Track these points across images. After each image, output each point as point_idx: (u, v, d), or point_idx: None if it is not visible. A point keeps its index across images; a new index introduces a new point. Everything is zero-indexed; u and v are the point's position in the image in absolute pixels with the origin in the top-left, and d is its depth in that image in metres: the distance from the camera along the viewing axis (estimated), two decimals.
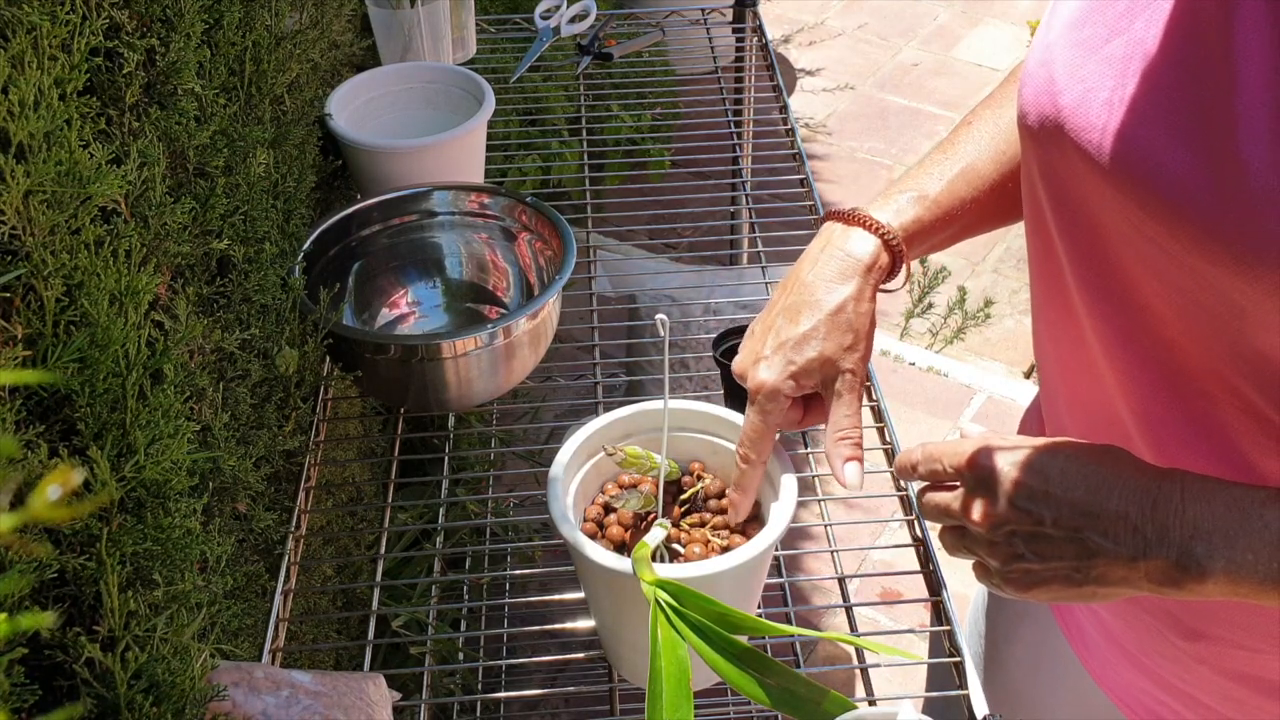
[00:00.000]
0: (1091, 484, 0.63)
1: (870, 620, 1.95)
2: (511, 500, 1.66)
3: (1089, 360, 0.72)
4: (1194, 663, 0.76)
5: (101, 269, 0.62)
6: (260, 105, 0.97)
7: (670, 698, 0.65)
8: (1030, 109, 0.69)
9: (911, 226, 0.81)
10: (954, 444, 0.69)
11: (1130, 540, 0.61)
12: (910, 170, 0.86)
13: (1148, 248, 0.63)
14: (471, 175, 1.26)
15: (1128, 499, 0.62)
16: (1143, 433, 0.70)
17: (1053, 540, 0.64)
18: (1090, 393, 0.74)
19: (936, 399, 2.43)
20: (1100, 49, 0.65)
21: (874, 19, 3.75)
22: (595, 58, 1.59)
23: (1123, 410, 0.71)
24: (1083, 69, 0.65)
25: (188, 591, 0.65)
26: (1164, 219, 0.61)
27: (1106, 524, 0.62)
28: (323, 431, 1.07)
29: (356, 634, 1.25)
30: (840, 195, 3.00)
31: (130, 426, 0.62)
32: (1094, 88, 0.64)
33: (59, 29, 0.62)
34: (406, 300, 1.19)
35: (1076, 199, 0.67)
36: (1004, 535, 0.66)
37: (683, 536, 0.81)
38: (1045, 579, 0.65)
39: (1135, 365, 0.68)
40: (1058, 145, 0.67)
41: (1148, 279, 0.64)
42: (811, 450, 1.07)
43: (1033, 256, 0.76)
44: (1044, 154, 0.69)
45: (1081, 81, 0.65)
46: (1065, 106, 0.66)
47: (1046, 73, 0.68)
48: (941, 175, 0.84)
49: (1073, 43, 0.67)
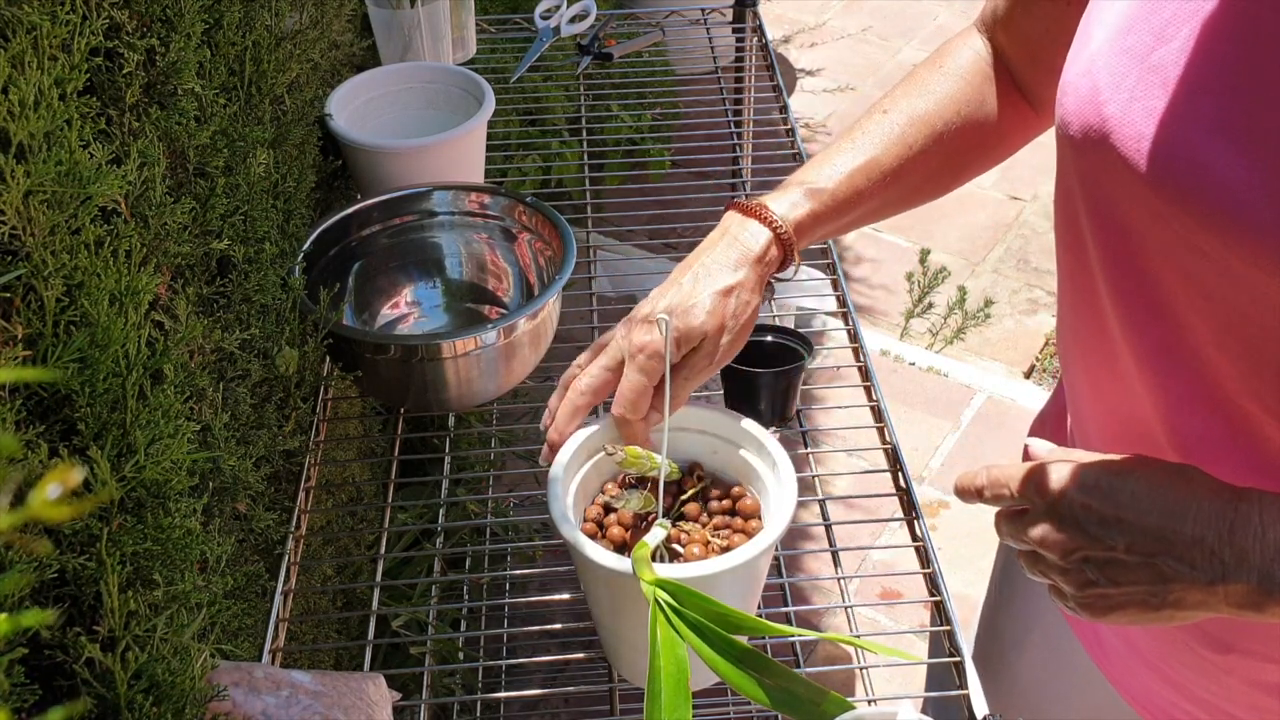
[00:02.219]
0: (1165, 508, 0.62)
1: (870, 620, 1.95)
2: (511, 500, 1.66)
3: (1120, 370, 0.71)
4: (1223, 674, 0.75)
5: (101, 269, 0.62)
6: (260, 105, 0.97)
7: (669, 697, 0.65)
8: (1073, 119, 0.68)
9: (805, 220, 0.84)
10: (1020, 469, 0.68)
11: (1208, 565, 0.60)
12: (815, 157, 0.87)
13: (1193, 259, 0.62)
14: (471, 175, 1.27)
15: (1204, 523, 0.60)
16: (1175, 444, 0.69)
17: (1127, 566, 0.62)
18: (1120, 403, 0.73)
19: (936, 399, 2.43)
20: (1146, 57, 0.63)
21: (874, 19, 3.75)
22: (595, 58, 1.59)
23: (1154, 422, 0.70)
24: (1128, 78, 0.64)
25: (188, 591, 0.65)
26: (1216, 230, 0.59)
27: (1183, 549, 0.61)
28: (323, 431, 1.07)
29: (356, 634, 1.25)
30: None
31: (130, 426, 0.62)
32: (1140, 97, 0.63)
33: (59, 29, 0.62)
34: (406, 300, 1.19)
35: (1118, 209, 0.66)
36: (1076, 562, 0.64)
37: (682, 536, 0.81)
38: (1121, 604, 0.64)
39: (1170, 377, 0.67)
40: (1102, 155, 0.65)
41: (1189, 291, 0.63)
42: (811, 450, 1.08)
43: (1064, 264, 0.75)
44: (1086, 164, 0.68)
45: (1127, 91, 0.64)
46: (1111, 116, 0.64)
47: (1090, 82, 0.66)
48: (842, 166, 0.85)
49: (1117, 51, 0.65)
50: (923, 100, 0.86)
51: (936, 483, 2.24)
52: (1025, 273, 2.81)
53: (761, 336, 1.04)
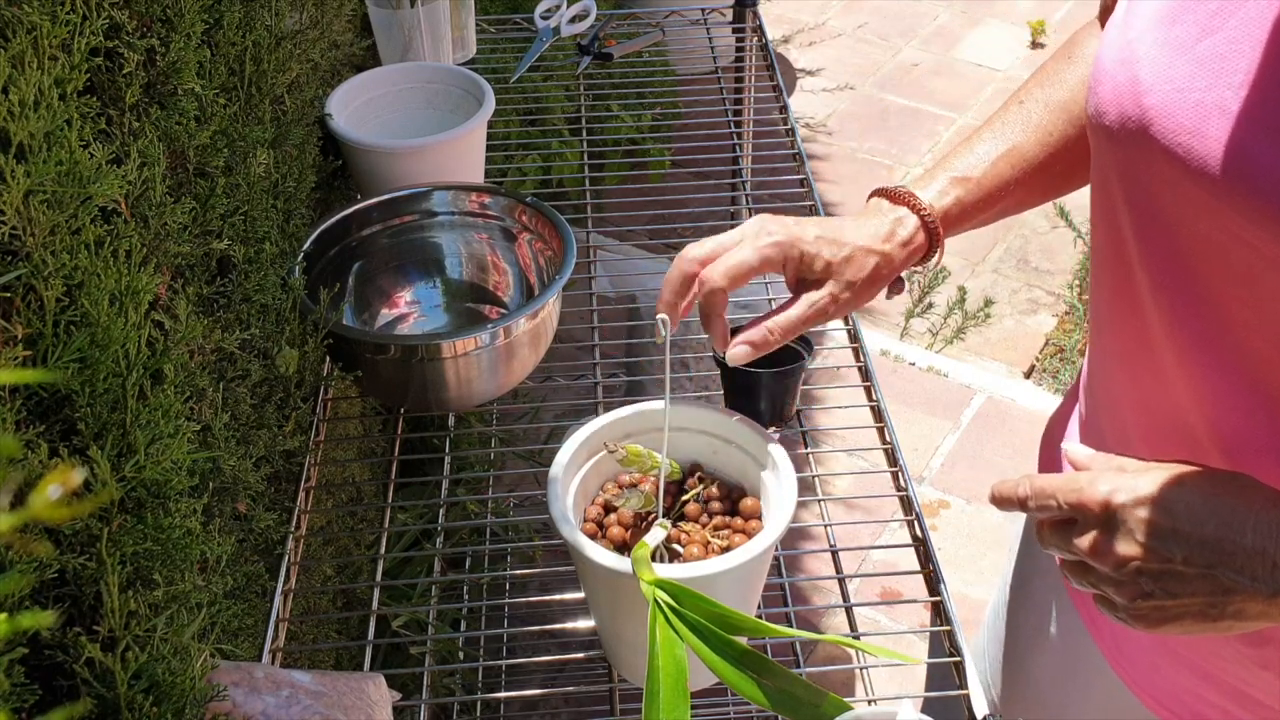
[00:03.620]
0: (1222, 518, 0.60)
1: (870, 620, 1.95)
2: (511, 500, 1.66)
3: (1159, 366, 0.70)
4: (1258, 668, 0.75)
5: (101, 269, 0.62)
6: (260, 105, 0.97)
7: (667, 697, 0.65)
8: (1109, 108, 0.66)
9: (953, 209, 0.83)
10: (1067, 479, 0.66)
11: (1270, 577, 0.59)
12: (957, 147, 0.86)
13: (1239, 253, 0.61)
14: (471, 175, 1.27)
15: (1263, 534, 0.59)
16: (1216, 442, 0.68)
17: (1184, 578, 0.61)
18: (1160, 403, 0.71)
19: (936, 399, 2.43)
20: (1191, 49, 0.62)
21: (874, 19, 3.75)
22: (595, 58, 1.59)
23: (1195, 419, 0.68)
24: (1172, 69, 0.63)
25: (188, 591, 0.65)
26: (1265, 223, 0.58)
27: (1242, 561, 0.60)
28: (323, 431, 1.07)
29: (356, 634, 1.25)
30: (840, 195, 3.00)
31: (130, 426, 0.62)
32: (1184, 88, 0.62)
33: (59, 29, 0.62)
34: (406, 300, 1.20)
35: (1159, 202, 0.65)
36: (1130, 574, 0.63)
37: (682, 536, 0.81)
38: (1177, 615, 0.63)
39: (1213, 373, 0.66)
40: (1141, 147, 0.64)
41: (1234, 286, 0.62)
42: (811, 450, 1.08)
43: (1099, 257, 0.74)
44: (1124, 155, 0.66)
45: (1170, 81, 0.63)
46: (1152, 107, 0.63)
47: (1129, 72, 0.65)
48: (986, 155, 0.84)
49: (1160, 41, 0.64)
50: (1057, 89, 0.84)
51: (936, 483, 2.24)
52: (1025, 272, 2.81)
53: None
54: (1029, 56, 3.56)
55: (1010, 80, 3.44)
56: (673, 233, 2.54)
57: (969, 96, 3.38)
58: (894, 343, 2.58)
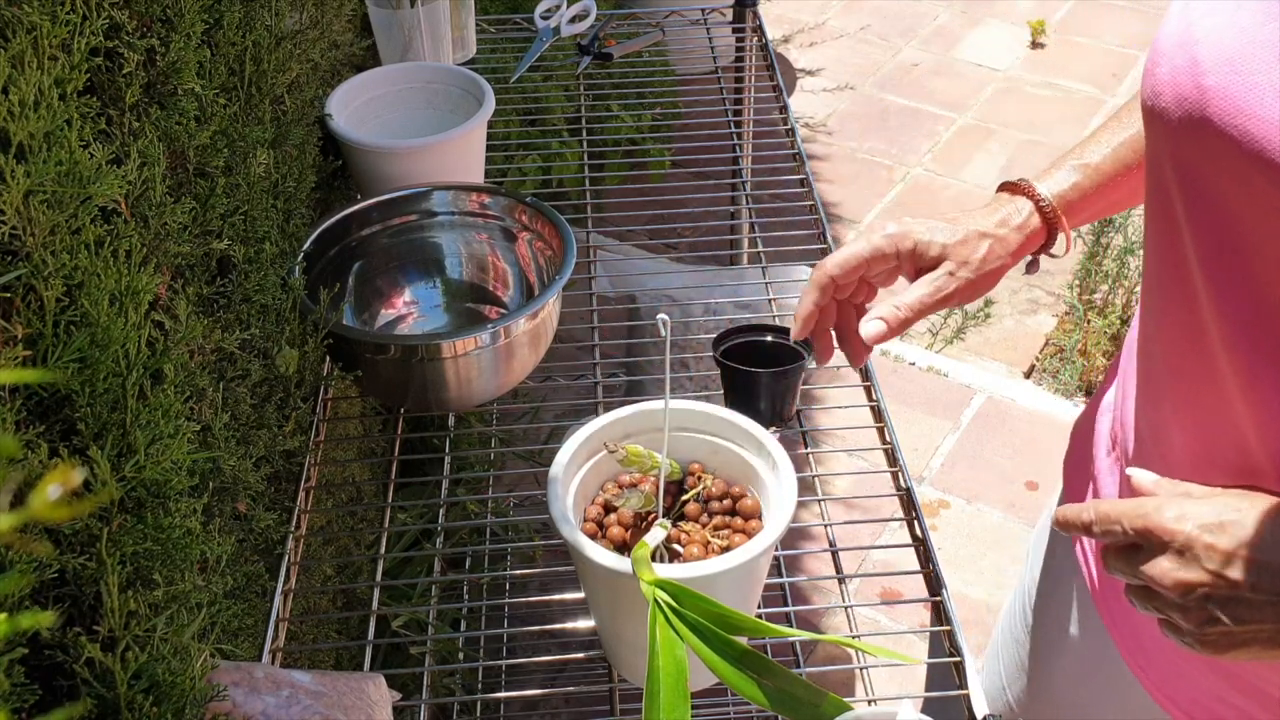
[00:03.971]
0: None
1: (870, 620, 1.95)
2: (511, 500, 1.66)
3: (1211, 366, 0.68)
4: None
5: (101, 269, 0.62)
6: (260, 105, 0.97)
7: (667, 697, 0.65)
8: (1166, 90, 0.64)
9: (1070, 194, 0.86)
10: (1132, 505, 0.66)
11: None
12: (1083, 139, 0.89)
13: None
14: (471, 175, 1.27)
15: None
16: (1269, 449, 0.66)
17: (1253, 605, 0.61)
18: (1207, 400, 0.69)
19: (937, 399, 2.43)
20: (1256, 33, 0.60)
21: (874, 19, 3.75)
22: (595, 58, 1.59)
23: (1254, 445, 0.67)
24: (1233, 50, 0.61)
25: (188, 591, 0.65)
26: None
27: None
28: (323, 431, 1.07)
29: (356, 634, 1.25)
30: (840, 195, 3.00)
31: (130, 426, 0.62)
32: (1243, 70, 0.60)
33: (59, 29, 0.62)
34: (406, 300, 1.20)
35: (1218, 190, 0.63)
36: (1197, 600, 0.62)
37: (682, 536, 0.81)
38: (1245, 641, 0.62)
39: (1270, 373, 0.64)
40: (1199, 133, 0.62)
41: None
42: (811, 450, 1.07)
43: (1151, 250, 0.72)
44: (1180, 141, 0.65)
45: (1230, 63, 0.61)
46: (1210, 88, 0.61)
47: (1188, 54, 0.63)
48: (1108, 143, 0.87)
49: (1223, 26, 0.62)
50: None
51: (936, 483, 2.24)
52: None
53: (761, 336, 1.04)
54: (1029, 56, 3.56)
55: (1010, 80, 3.44)
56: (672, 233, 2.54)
57: (969, 96, 3.37)
58: (894, 342, 2.58)
